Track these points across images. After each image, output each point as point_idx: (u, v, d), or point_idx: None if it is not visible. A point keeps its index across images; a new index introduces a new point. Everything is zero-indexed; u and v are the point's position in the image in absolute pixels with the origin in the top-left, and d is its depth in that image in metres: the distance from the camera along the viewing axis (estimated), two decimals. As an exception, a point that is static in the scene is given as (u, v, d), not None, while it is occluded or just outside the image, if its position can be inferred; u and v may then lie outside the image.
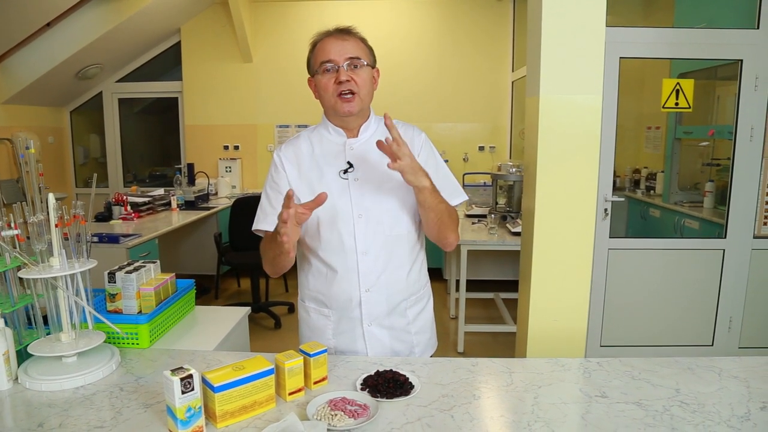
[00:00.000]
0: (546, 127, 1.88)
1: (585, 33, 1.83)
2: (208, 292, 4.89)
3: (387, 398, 1.18)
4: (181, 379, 1.02)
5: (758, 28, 2.91)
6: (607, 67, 1.84)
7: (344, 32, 1.43)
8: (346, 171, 1.46)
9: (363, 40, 1.46)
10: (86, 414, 1.14)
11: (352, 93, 1.40)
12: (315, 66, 1.43)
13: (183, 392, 1.02)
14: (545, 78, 1.85)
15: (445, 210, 1.44)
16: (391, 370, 1.28)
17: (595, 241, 2.14)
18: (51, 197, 1.29)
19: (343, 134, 1.49)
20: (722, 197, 3.38)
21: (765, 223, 3.12)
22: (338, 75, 1.39)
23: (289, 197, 1.20)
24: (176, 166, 5.99)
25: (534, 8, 1.92)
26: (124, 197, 4.18)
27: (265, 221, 1.50)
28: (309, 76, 1.48)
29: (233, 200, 4.35)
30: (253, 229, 1.53)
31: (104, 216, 4.03)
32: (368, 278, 1.46)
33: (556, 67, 1.86)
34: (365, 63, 1.42)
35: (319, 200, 1.25)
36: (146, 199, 4.40)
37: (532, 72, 1.96)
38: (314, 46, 1.45)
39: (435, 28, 5.57)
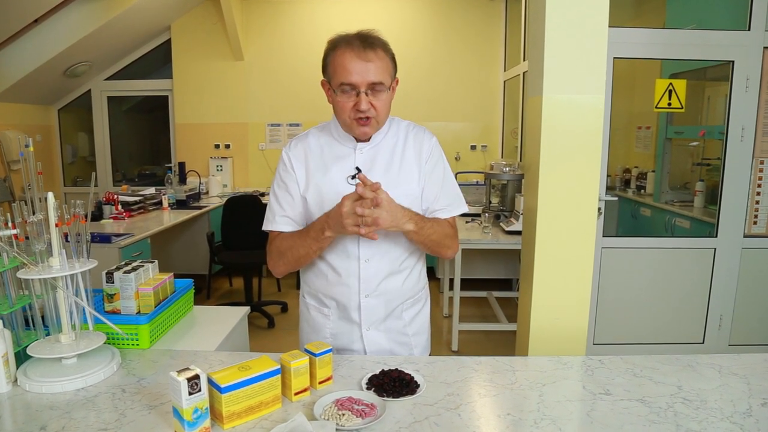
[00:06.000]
0: (549, 127, 1.89)
1: (588, 32, 1.83)
2: (199, 291, 4.86)
3: (394, 397, 1.18)
4: (188, 380, 1.01)
5: (749, 29, 2.96)
6: (603, 66, 1.85)
7: (368, 46, 1.35)
8: (354, 177, 1.44)
9: (386, 51, 1.39)
10: (89, 416, 1.12)
11: (369, 117, 1.38)
12: (333, 83, 1.37)
13: (190, 393, 1.01)
14: (548, 78, 1.85)
15: (437, 239, 1.44)
16: (396, 369, 1.28)
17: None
18: (51, 196, 1.27)
19: (353, 138, 1.47)
20: (712, 197, 3.42)
21: (755, 222, 3.16)
22: (358, 101, 1.35)
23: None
24: (166, 165, 5.94)
25: (536, 7, 1.92)
26: (115, 196, 4.13)
27: (274, 221, 1.48)
28: (323, 77, 1.42)
29: (225, 199, 4.31)
30: (263, 229, 1.51)
31: (95, 215, 3.98)
32: (369, 285, 1.46)
33: (559, 66, 1.86)
34: (387, 88, 1.38)
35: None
36: (137, 198, 4.35)
37: (534, 72, 1.96)
38: (333, 48, 1.37)
39: (427, 27, 5.58)
